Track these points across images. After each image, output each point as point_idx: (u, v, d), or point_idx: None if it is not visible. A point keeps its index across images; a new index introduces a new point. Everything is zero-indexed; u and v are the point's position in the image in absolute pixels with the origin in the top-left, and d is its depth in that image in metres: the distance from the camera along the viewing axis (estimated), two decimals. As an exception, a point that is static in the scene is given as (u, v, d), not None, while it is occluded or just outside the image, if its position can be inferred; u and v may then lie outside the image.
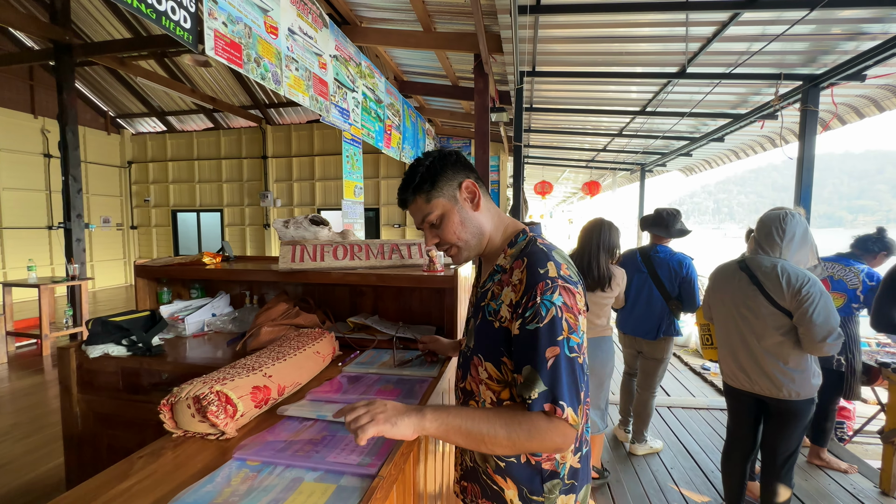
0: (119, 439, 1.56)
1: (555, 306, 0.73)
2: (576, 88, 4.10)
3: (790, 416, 1.71)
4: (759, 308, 1.69)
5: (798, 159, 3.10)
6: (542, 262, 0.77)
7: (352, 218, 4.03)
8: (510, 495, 0.84)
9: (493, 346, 0.83)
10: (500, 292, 0.82)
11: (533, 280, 0.76)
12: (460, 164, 0.89)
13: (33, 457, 2.42)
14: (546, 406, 0.70)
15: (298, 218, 1.83)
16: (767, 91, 3.51)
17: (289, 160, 9.22)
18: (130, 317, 1.67)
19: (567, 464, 0.84)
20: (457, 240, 0.87)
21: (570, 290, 0.76)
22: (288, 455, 0.86)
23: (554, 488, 0.83)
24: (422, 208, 0.87)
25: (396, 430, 0.73)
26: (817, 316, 1.53)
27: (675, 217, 2.46)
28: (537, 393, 0.71)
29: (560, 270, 0.77)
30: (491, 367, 0.84)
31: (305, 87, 2.98)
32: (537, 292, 0.74)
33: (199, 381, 0.98)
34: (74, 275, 4.75)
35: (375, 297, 1.89)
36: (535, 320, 0.73)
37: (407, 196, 0.89)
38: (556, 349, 0.72)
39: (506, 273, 0.83)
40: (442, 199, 0.86)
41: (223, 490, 0.75)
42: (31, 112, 8.10)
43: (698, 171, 7.01)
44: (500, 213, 0.93)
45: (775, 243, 1.69)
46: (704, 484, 2.36)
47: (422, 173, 0.86)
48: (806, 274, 1.60)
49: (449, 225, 0.87)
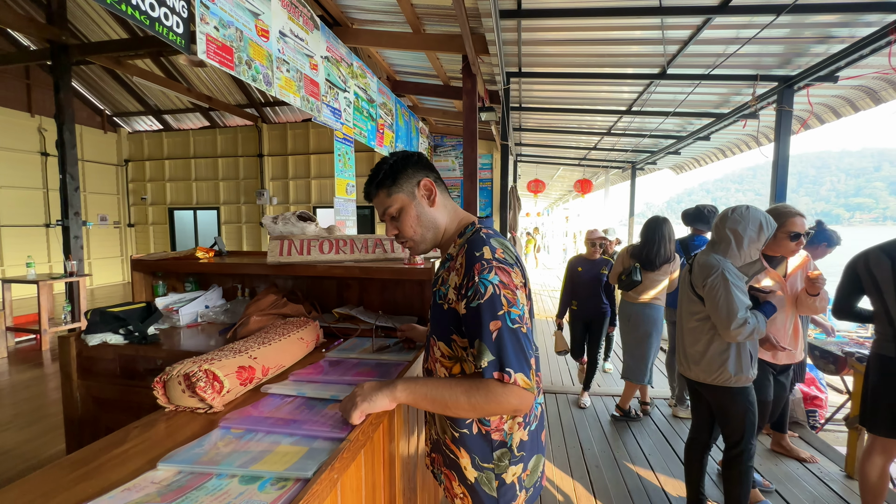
0: (117, 422, 1.65)
1: (492, 284, 0.81)
2: (563, 88, 4.20)
3: (717, 403, 1.80)
4: (684, 294, 1.86)
5: (773, 159, 3.21)
6: (479, 246, 0.86)
7: (344, 215, 4.13)
8: (464, 463, 0.94)
9: (444, 326, 0.92)
10: (448, 277, 0.91)
11: (470, 262, 0.85)
12: (421, 165, 0.99)
13: (35, 444, 2.52)
14: (495, 374, 0.78)
15: (287, 214, 1.93)
16: (747, 91, 3.62)
17: (284, 158, 9.30)
18: (127, 308, 1.76)
19: (515, 435, 0.92)
20: (413, 233, 0.97)
21: (504, 269, 0.84)
22: (269, 424, 0.96)
23: (503, 457, 0.91)
24: (383, 202, 0.97)
25: (375, 405, 0.88)
26: (720, 304, 1.63)
27: (714, 213, 2.88)
28: (486, 362, 0.79)
29: (495, 253, 0.86)
30: (443, 345, 0.94)
31: (296, 88, 3.07)
32: (475, 272, 0.83)
33: (189, 361, 1.08)
34: (72, 271, 4.84)
35: (361, 290, 1.99)
36: (476, 297, 0.81)
37: (371, 190, 0.99)
38: (497, 322, 0.80)
39: (453, 260, 0.93)
40: (401, 194, 0.96)
41: (209, 451, 0.85)
42: (27, 111, 8.15)
43: (688, 168, 7.13)
44: (456, 209, 1.03)
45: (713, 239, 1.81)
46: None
47: (385, 170, 0.96)
48: (714, 265, 1.69)
49: (406, 219, 0.96)
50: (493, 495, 0.92)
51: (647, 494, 2.23)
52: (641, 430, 2.91)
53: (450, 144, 8.14)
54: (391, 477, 1.16)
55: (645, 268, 2.80)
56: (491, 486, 0.92)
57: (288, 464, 0.80)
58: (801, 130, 3.78)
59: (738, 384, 1.74)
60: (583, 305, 3.27)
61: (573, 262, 3.35)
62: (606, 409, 3.25)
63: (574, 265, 3.33)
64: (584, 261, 3.30)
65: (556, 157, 7.81)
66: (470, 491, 0.94)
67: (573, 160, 7.84)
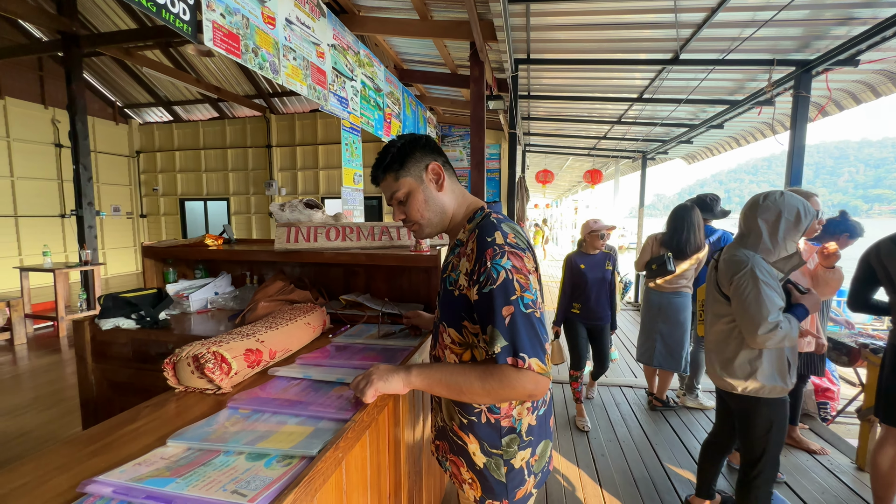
0: (131, 404, 1.68)
1: (504, 269, 0.81)
2: (573, 76, 4.12)
3: (741, 412, 1.62)
4: (710, 294, 1.68)
5: (789, 147, 3.13)
6: (491, 231, 0.86)
7: (351, 205, 4.14)
8: (472, 449, 0.94)
9: (455, 312, 0.91)
10: (458, 263, 0.90)
11: (482, 247, 0.84)
12: (429, 148, 0.98)
13: (54, 426, 2.60)
14: (509, 359, 0.78)
15: (294, 202, 1.94)
16: (763, 77, 3.52)
17: (293, 149, 9.32)
18: (139, 293, 1.80)
19: (524, 420, 0.92)
20: (420, 217, 0.96)
21: (517, 253, 0.83)
22: (276, 404, 0.97)
23: (512, 442, 0.92)
24: (391, 185, 0.97)
25: (389, 386, 0.89)
26: (748, 305, 1.43)
27: (717, 201, 2.97)
28: (500, 348, 0.79)
29: (507, 238, 0.85)
30: (454, 332, 0.93)
31: (303, 77, 3.06)
32: (487, 258, 0.82)
33: (198, 344, 1.10)
34: (87, 260, 4.94)
35: (367, 277, 2.00)
36: (489, 283, 0.81)
37: (378, 174, 0.98)
38: (510, 307, 0.79)
39: (463, 246, 0.91)
40: (409, 178, 0.95)
41: (217, 429, 0.87)
42: (41, 103, 8.27)
43: (700, 158, 6.99)
44: (464, 194, 1.02)
45: (741, 231, 1.61)
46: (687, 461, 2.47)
47: (392, 153, 0.95)
48: (743, 260, 1.49)
49: (414, 203, 0.95)
50: (501, 480, 0.93)
51: (653, 484, 2.23)
52: (648, 420, 2.90)
53: (457, 134, 8.08)
54: (396, 459, 1.17)
55: (675, 257, 2.75)
56: (500, 472, 0.92)
57: (293, 442, 0.81)
58: (818, 117, 3.66)
59: (770, 395, 1.53)
60: (587, 309, 2.80)
61: (572, 259, 2.84)
62: (612, 398, 3.24)
63: (574, 262, 2.83)
64: (584, 256, 2.82)
65: (565, 146, 7.71)
66: (478, 476, 0.95)
67: (583, 150, 7.73)
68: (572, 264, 2.83)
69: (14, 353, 4.07)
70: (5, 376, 3.46)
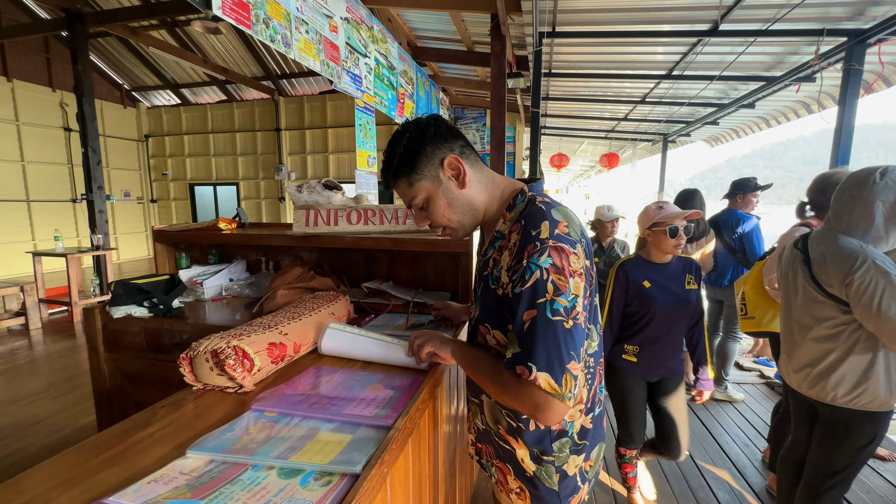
0: (145, 396, 1.62)
1: (540, 269, 0.69)
2: (598, 51, 3.89)
3: (836, 424, 1.38)
4: (807, 293, 1.35)
5: (836, 125, 2.91)
6: (537, 222, 0.73)
7: (365, 189, 4.00)
8: (521, 455, 0.84)
9: (499, 314, 0.79)
10: (500, 258, 0.78)
11: (524, 243, 0.72)
12: (439, 137, 0.80)
13: (68, 413, 2.56)
14: (517, 368, 0.69)
15: (311, 182, 1.81)
16: (807, 50, 3.27)
17: (302, 133, 9.16)
18: (151, 280, 1.70)
19: (576, 423, 0.83)
20: (447, 221, 0.84)
21: (562, 249, 0.70)
22: (305, 407, 0.86)
23: (563, 447, 0.83)
24: (406, 192, 0.83)
25: (442, 350, 0.94)
26: (886, 307, 1.13)
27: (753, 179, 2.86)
28: (511, 353, 0.70)
29: (555, 229, 0.72)
30: (499, 334, 0.82)
31: (316, 52, 2.90)
32: (524, 255, 0.71)
33: (217, 337, 0.99)
34: (99, 245, 4.90)
35: (389, 263, 1.88)
36: (520, 283, 0.71)
37: (388, 180, 0.84)
38: (533, 312, 0.69)
39: (505, 238, 0.79)
40: (424, 181, 0.80)
41: (242, 437, 0.76)
42: (49, 85, 8.18)
43: (724, 141, 6.70)
44: (493, 179, 0.86)
45: (840, 214, 1.30)
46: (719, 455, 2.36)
47: (399, 155, 0.80)
48: (856, 252, 1.20)
49: (436, 208, 0.82)
50: (553, 489, 0.83)
51: (686, 481, 2.13)
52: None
53: (471, 116, 7.85)
54: (435, 465, 1.07)
55: None
56: (552, 480, 0.83)
57: (331, 455, 0.70)
58: (865, 94, 3.41)
59: (881, 408, 1.30)
60: (650, 354, 1.70)
61: (628, 272, 1.69)
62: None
63: (630, 276, 1.68)
64: (648, 267, 1.69)
65: (581, 129, 7.44)
66: (528, 485, 0.85)
67: (600, 132, 7.46)
68: (628, 280, 1.68)
69: (29, 337, 4.06)
70: (21, 361, 3.44)
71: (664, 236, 1.60)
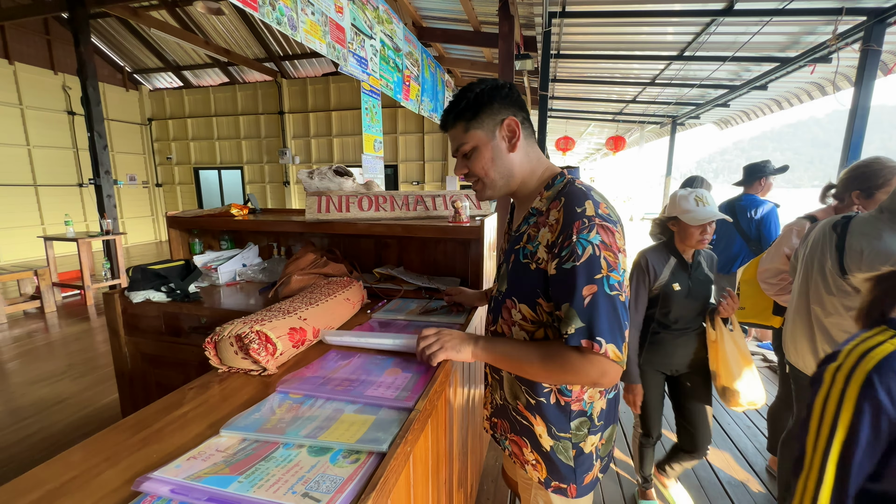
0: (166, 377, 1.68)
1: (591, 245, 0.73)
2: (608, 31, 3.80)
3: None
4: (835, 281, 1.28)
5: (851, 106, 2.85)
6: (581, 201, 0.76)
7: (372, 173, 4.00)
8: (539, 431, 0.88)
9: (529, 288, 0.83)
10: (537, 234, 0.81)
11: (570, 219, 0.75)
12: (509, 100, 0.85)
13: (89, 393, 2.65)
14: (583, 342, 0.72)
15: (322, 169, 1.82)
16: (824, 30, 3.18)
17: (305, 115, 9.08)
18: (167, 265, 1.73)
19: (595, 404, 0.87)
20: (483, 175, 0.87)
21: (608, 228, 0.74)
22: (328, 389, 0.90)
23: (581, 426, 0.87)
24: (458, 136, 0.86)
25: (460, 356, 0.89)
26: None
27: (767, 162, 2.79)
28: (574, 329, 0.73)
29: (598, 209, 0.75)
30: (526, 308, 0.85)
31: (322, 34, 2.86)
32: (573, 231, 0.74)
33: (240, 322, 1.02)
34: (108, 230, 4.95)
35: (400, 249, 1.90)
36: (572, 259, 0.73)
37: (448, 119, 0.87)
38: (593, 287, 0.72)
39: (542, 215, 0.82)
40: (479, 131, 0.84)
41: (270, 417, 0.80)
42: (50, 68, 8.11)
43: (734, 123, 6.58)
44: (539, 157, 0.90)
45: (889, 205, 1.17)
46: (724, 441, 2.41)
47: (468, 100, 0.84)
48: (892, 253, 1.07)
49: (480, 159, 0.85)
50: (569, 464, 0.88)
51: (694, 472, 2.16)
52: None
53: (476, 99, 7.71)
54: (450, 443, 1.11)
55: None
56: (568, 455, 0.88)
57: (357, 434, 0.74)
58: (888, 74, 3.33)
59: None
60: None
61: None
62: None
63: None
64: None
65: (588, 111, 7.32)
66: (544, 459, 0.90)
67: (607, 115, 7.34)
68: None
69: (45, 320, 4.16)
70: (39, 344, 3.54)
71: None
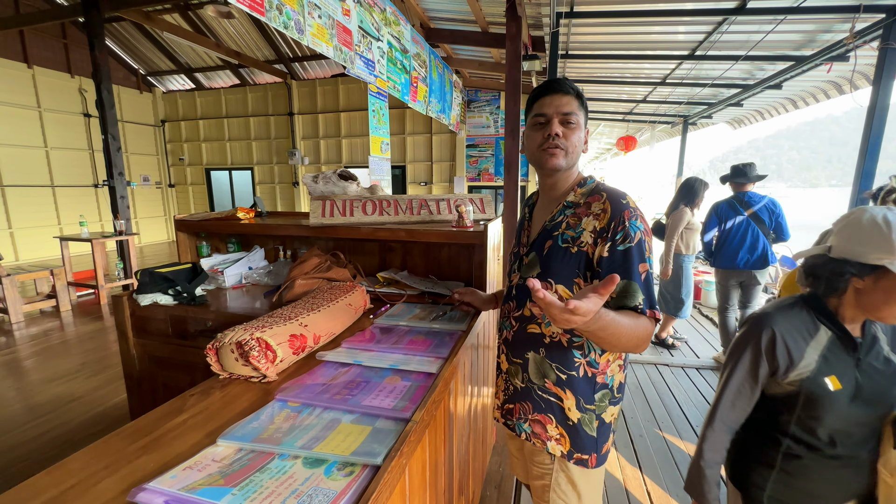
0: (173, 379, 1.70)
1: (639, 230, 0.88)
2: (617, 31, 3.75)
3: None
4: None
5: (869, 106, 2.77)
6: (623, 195, 0.92)
7: (379, 175, 4.01)
8: (568, 404, 0.96)
9: (568, 269, 0.93)
10: (579, 222, 0.93)
11: (618, 209, 0.89)
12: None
13: (101, 392, 2.70)
14: (648, 312, 0.86)
15: (327, 173, 1.83)
16: (841, 28, 3.10)
17: (315, 117, 9.15)
18: (174, 268, 1.76)
19: (616, 378, 0.98)
20: (571, 147, 0.96)
21: (644, 218, 0.91)
22: (326, 398, 0.90)
23: (604, 398, 0.97)
24: (573, 105, 0.95)
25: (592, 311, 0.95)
26: None
27: (751, 166, 2.98)
28: (641, 300, 0.86)
29: (634, 203, 0.92)
30: (563, 288, 0.94)
31: (329, 37, 2.87)
32: (625, 218, 0.87)
33: (241, 328, 1.03)
34: (122, 230, 5.04)
35: (404, 253, 1.90)
36: (627, 241, 0.87)
37: (567, 88, 0.95)
38: (645, 265, 0.88)
39: (580, 207, 0.95)
40: (584, 117, 0.98)
41: (268, 427, 0.80)
42: (67, 71, 8.30)
43: (748, 122, 6.45)
44: (579, 164, 1.05)
45: None
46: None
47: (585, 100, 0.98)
48: None
49: (576, 133, 0.96)
50: (592, 435, 0.97)
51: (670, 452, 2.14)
52: (686, 398, 2.79)
53: (484, 99, 7.71)
54: (450, 452, 1.10)
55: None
56: (592, 427, 0.96)
57: (352, 445, 0.74)
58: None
59: None
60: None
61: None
62: (648, 377, 3.13)
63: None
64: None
65: (598, 111, 7.24)
66: (570, 431, 0.97)
67: (617, 115, 7.25)
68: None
69: (61, 319, 4.25)
70: (55, 342, 3.62)
71: None
